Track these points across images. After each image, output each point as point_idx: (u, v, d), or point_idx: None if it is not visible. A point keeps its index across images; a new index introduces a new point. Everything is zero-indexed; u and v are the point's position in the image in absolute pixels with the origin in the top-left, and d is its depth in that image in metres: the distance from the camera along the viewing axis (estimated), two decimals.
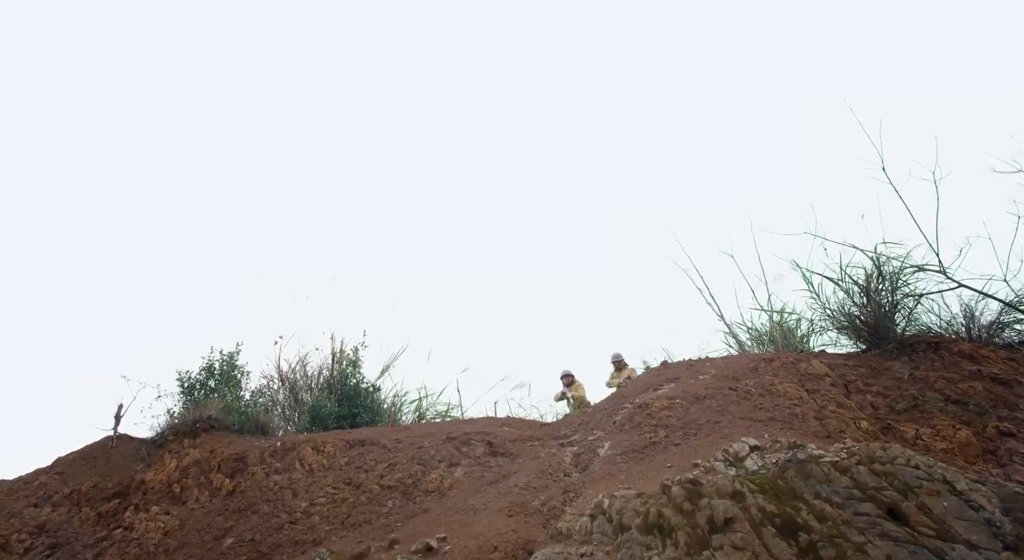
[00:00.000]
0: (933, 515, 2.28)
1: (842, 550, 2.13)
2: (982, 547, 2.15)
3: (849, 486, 2.43)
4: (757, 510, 2.29)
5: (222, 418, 7.16)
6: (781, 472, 2.52)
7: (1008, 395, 4.29)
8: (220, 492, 5.48)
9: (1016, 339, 5.77)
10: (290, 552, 4.22)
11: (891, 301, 5.37)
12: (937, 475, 2.45)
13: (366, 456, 5.15)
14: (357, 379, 8.70)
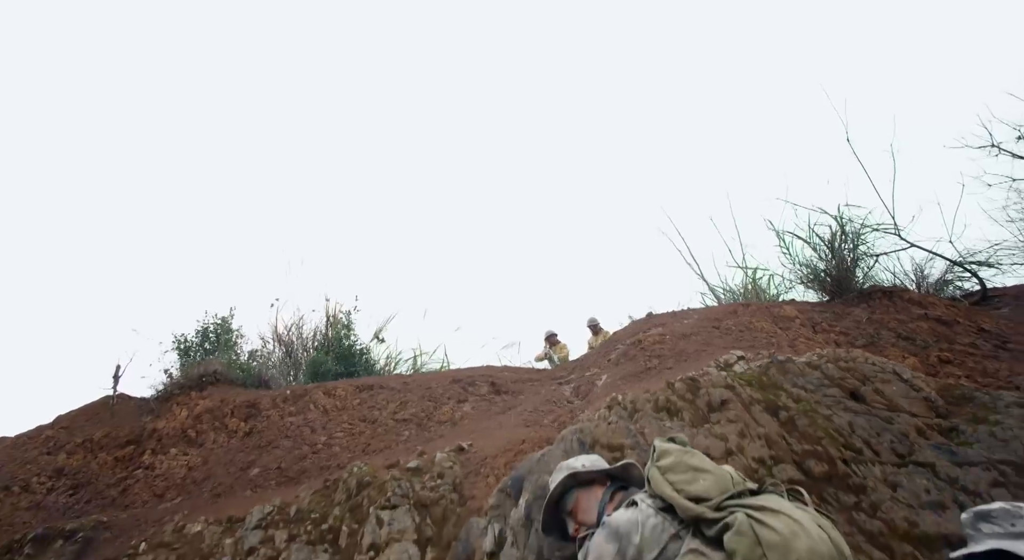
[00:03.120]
0: (884, 396, 2.83)
1: (814, 419, 2.64)
2: (920, 415, 2.71)
3: (819, 377, 2.95)
4: (746, 396, 2.79)
5: (227, 373, 7.42)
6: (764, 370, 3.02)
7: (948, 333, 4.93)
8: (237, 434, 5.79)
9: (958, 294, 6.50)
10: (317, 476, 4.59)
11: (852, 257, 5.99)
12: (888, 369, 3.01)
13: (377, 397, 5.54)
14: (351, 341, 9.02)
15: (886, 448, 2.52)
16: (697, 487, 1.48)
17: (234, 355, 8.56)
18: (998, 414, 2.65)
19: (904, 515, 2.16)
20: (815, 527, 1.37)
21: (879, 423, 2.65)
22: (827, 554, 1.31)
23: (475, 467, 3.06)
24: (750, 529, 1.34)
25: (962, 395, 2.89)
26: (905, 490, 2.28)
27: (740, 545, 1.34)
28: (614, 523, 1.52)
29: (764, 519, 1.35)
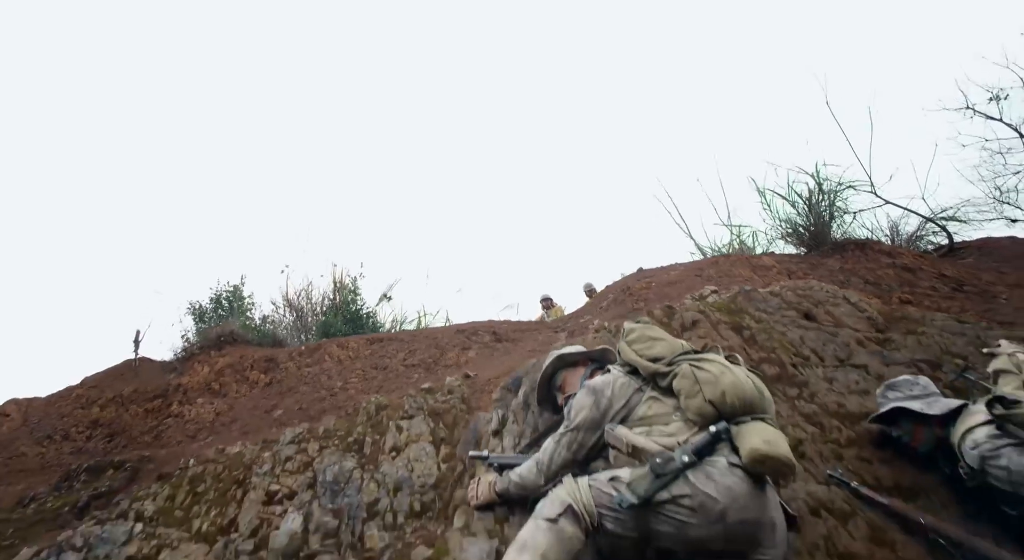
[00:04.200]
0: (833, 316, 3.27)
1: (771, 334, 3.08)
2: (861, 330, 3.15)
3: (779, 303, 3.39)
4: (715, 318, 3.22)
5: (243, 334, 7.87)
6: (732, 299, 3.45)
7: (912, 278, 5.37)
8: (258, 384, 6.26)
9: (930, 247, 6.92)
10: (336, 414, 5.06)
11: (829, 212, 6.40)
12: (839, 295, 3.44)
13: (387, 348, 6.00)
14: (358, 305, 9.46)
15: (829, 355, 2.96)
16: (654, 351, 1.91)
17: (247, 320, 9.00)
18: (925, 326, 3.09)
19: (835, 400, 2.61)
20: (742, 372, 1.81)
21: (826, 336, 3.09)
22: (748, 389, 1.75)
23: (480, 387, 3.51)
24: (691, 372, 1.78)
25: (901, 316, 3.33)
26: (839, 383, 2.73)
27: (683, 384, 1.78)
28: (591, 383, 1.96)
29: (701, 365, 1.79)
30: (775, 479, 1.71)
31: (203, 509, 3.04)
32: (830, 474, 2.27)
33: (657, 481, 1.59)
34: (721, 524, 1.57)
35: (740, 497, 1.57)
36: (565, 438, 1.92)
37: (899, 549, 2.06)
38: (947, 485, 2.25)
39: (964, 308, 4.69)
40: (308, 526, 2.70)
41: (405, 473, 2.88)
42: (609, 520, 1.62)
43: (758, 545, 1.63)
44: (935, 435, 2.22)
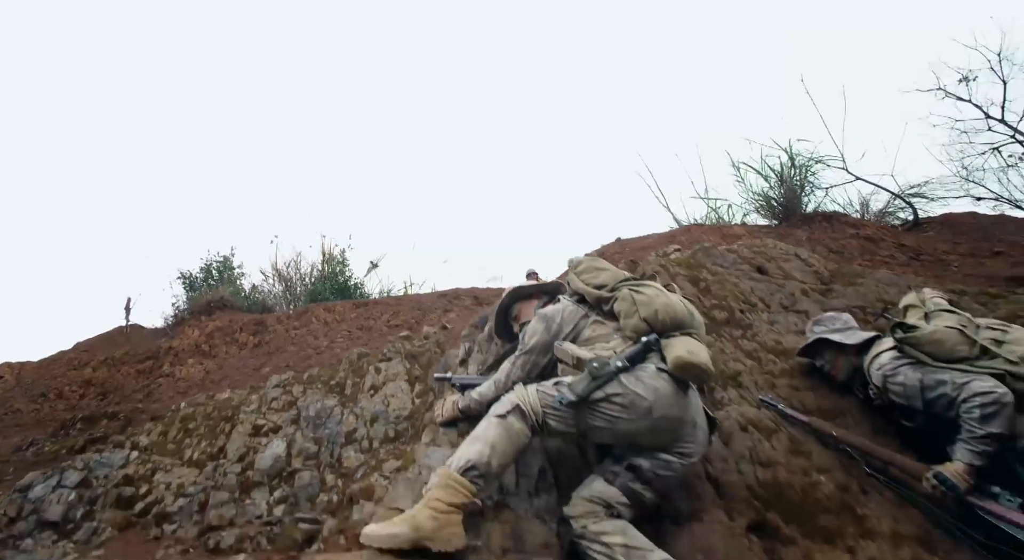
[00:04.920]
0: (783, 270, 3.52)
1: (724, 285, 3.32)
2: (807, 282, 3.40)
3: (735, 258, 3.63)
4: (673, 271, 3.46)
5: (233, 300, 8.05)
6: (692, 255, 3.69)
7: (873, 247, 5.64)
8: (247, 346, 6.47)
9: (897, 222, 7.20)
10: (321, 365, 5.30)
11: (801, 186, 6.65)
12: (791, 252, 3.70)
13: (372, 310, 6.22)
14: (345, 276, 9.64)
15: (775, 303, 3.22)
16: (599, 279, 2.15)
17: (237, 290, 9.16)
18: (864, 279, 3.35)
19: (774, 338, 2.87)
20: (675, 297, 2.04)
21: (774, 287, 3.34)
22: (679, 309, 1.98)
23: (455, 335, 3.74)
24: (629, 295, 2.01)
25: (846, 271, 3.59)
26: (779, 325, 2.99)
27: (622, 306, 2.02)
28: (543, 312, 2.20)
29: (639, 289, 2.03)
30: (697, 383, 1.96)
31: (194, 442, 3.26)
32: (761, 399, 2.53)
33: (593, 382, 1.82)
34: (648, 419, 1.81)
35: (665, 396, 1.82)
36: (520, 360, 2.16)
37: (814, 458, 2.33)
38: (861, 407, 2.52)
39: (918, 274, 4.97)
40: (291, 451, 2.94)
41: (382, 407, 3.12)
42: (552, 418, 1.86)
43: (680, 440, 1.88)
44: (852, 364, 2.48)
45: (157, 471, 2.94)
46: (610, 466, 1.91)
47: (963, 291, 3.31)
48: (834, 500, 2.20)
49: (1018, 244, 5.42)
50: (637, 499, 1.85)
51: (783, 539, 2.10)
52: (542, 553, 1.86)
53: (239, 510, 2.57)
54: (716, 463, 2.26)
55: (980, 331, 2.20)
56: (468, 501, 1.73)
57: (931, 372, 2.14)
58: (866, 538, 2.10)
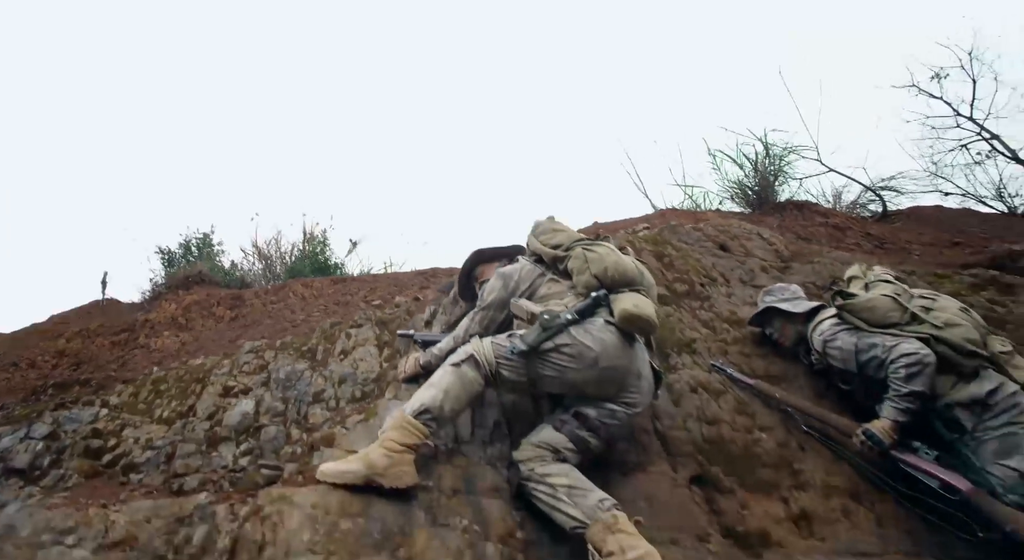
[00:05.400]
0: (746, 248, 3.65)
1: (687, 260, 3.43)
2: (767, 260, 3.53)
3: (700, 236, 3.75)
4: (640, 246, 3.57)
5: (211, 275, 8.03)
6: (659, 232, 3.80)
7: (840, 235, 5.80)
8: (224, 319, 6.48)
9: (867, 214, 7.39)
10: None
11: (775, 176, 6.79)
12: (754, 231, 3.82)
13: (349, 286, 6.26)
14: (326, 256, 9.64)
15: (735, 278, 3.34)
16: (555, 240, 2.24)
17: (216, 267, 9.12)
18: (821, 258, 3.48)
19: (730, 309, 2.99)
20: (629, 257, 2.14)
21: (735, 263, 3.46)
22: (629, 267, 2.08)
23: (425, 304, 3.83)
24: (582, 253, 2.11)
25: (805, 251, 3.73)
26: (736, 297, 3.11)
27: (575, 264, 2.11)
28: (502, 270, 2.29)
29: (592, 248, 2.12)
30: (642, 336, 2.06)
31: (164, 402, 3.31)
32: (713, 364, 2.65)
33: (544, 333, 1.92)
34: (594, 369, 1.91)
35: (611, 347, 1.92)
36: (478, 315, 2.25)
37: (758, 418, 2.46)
38: (806, 372, 2.65)
39: (880, 261, 5.14)
40: (259, 409, 3.01)
41: (350, 370, 3.19)
42: (505, 368, 1.96)
43: (625, 390, 1.98)
44: (798, 331, 2.61)
45: (126, 427, 2.99)
46: (559, 415, 2.02)
47: (913, 271, 3.46)
48: (773, 455, 2.33)
49: (976, 236, 5.62)
50: (583, 446, 1.96)
51: (723, 490, 2.22)
52: (491, 495, 1.96)
53: (205, 461, 2.63)
54: (665, 420, 2.38)
55: (913, 300, 2.33)
56: (421, 442, 1.83)
57: (865, 336, 2.27)
58: (800, 490, 2.23)
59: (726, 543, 2.07)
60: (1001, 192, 7.05)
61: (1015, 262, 3.80)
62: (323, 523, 1.69)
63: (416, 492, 1.84)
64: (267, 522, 1.72)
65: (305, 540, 1.65)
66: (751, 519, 2.15)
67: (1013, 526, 1.85)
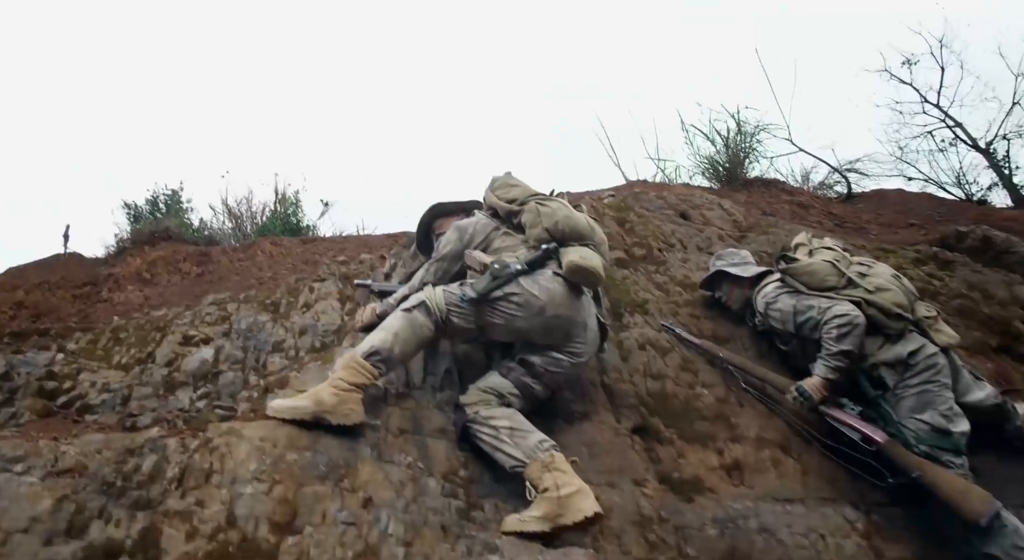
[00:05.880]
0: (705, 217, 3.74)
1: (647, 226, 3.51)
2: (726, 229, 3.64)
3: (662, 204, 3.83)
4: (602, 211, 3.63)
5: (179, 232, 7.89)
6: (623, 199, 3.87)
7: (803, 213, 5.95)
8: (190, 275, 6.41)
9: (833, 195, 7.56)
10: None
11: (746, 154, 6.89)
12: (715, 202, 3.92)
13: (319, 246, 6.23)
14: (298, 218, 9.52)
15: (693, 245, 3.44)
16: (511, 194, 2.28)
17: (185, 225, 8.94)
18: (778, 229, 3.60)
19: (684, 273, 3.10)
20: (581, 214, 2.20)
21: (694, 231, 3.56)
22: (580, 222, 2.14)
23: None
24: (535, 208, 2.16)
25: (763, 222, 3.84)
26: (691, 263, 3.22)
27: (528, 217, 2.16)
28: (458, 223, 2.33)
29: (545, 203, 2.17)
30: (589, 287, 2.14)
31: (123, 349, 3.32)
32: (663, 324, 2.75)
33: (494, 282, 1.98)
34: (541, 318, 1.98)
35: (557, 297, 1.99)
36: (433, 266, 2.30)
37: (700, 375, 2.58)
38: (752, 335, 2.78)
39: (839, 238, 5.30)
40: (219, 357, 3.03)
41: (312, 321, 3.23)
42: (455, 314, 2.01)
43: (571, 339, 2.06)
44: (745, 295, 2.72)
45: (83, 371, 3.00)
46: (506, 362, 2.09)
47: (863, 245, 3.60)
48: (712, 410, 2.45)
49: (931, 219, 5.82)
50: (528, 391, 2.04)
51: (662, 440, 2.34)
52: (437, 436, 2.04)
53: (161, 404, 2.66)
54: (612, 374, 2.48)
55: (851, 266, 2.45)
56: (369, 382, 1.89)
57: (804, 299, 2.39)
58: (734, 442, 2.36)
59: (661, 488, 2.19)
60: (960, 179, 7.27)
61: (960, 242, 3.97)
62: (270, 455, 1.75)
63: (363, 430, 1.91)
64: (216, 453, 1.77)
65: (252, 469, 1.71)
66: (686, 467, 2.28)
67: (919, 472, 2.01)
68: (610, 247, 3.35)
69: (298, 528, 1.58)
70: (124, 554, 1.53)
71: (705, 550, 1.97)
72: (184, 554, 1.52)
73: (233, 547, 1.54)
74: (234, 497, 1.64)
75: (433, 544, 1.60)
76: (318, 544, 1.52)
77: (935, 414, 2.15)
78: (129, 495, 1.69)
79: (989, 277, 3.26)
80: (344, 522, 1.59)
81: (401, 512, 1.66)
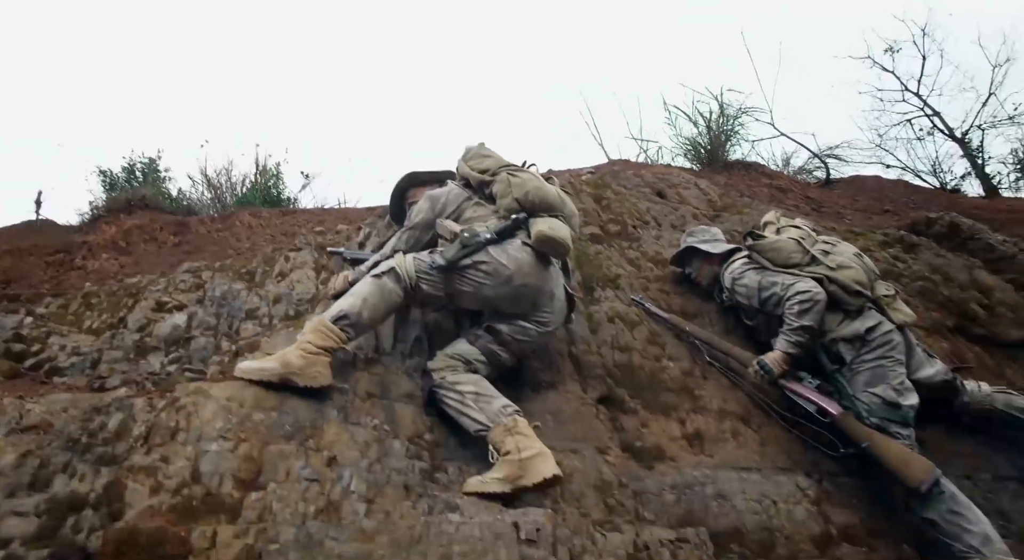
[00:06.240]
0: (681, 196, 3.78)
1: (623, 204, 3.54)
2: (701, 209, 3.68)
3: (640, 182, 3.86)
4: (579, 187, 3.64)
5: (156, 201, 7.76)
6: (601, 177, 3.89)
7: (781, 196, 6.02)
8: (167, 245, 6.33)
9: (812, 179, 7.65)
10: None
11: (728, 137, 6.93)
12: (692, 181, 3.96)
13: (298, 218, 6.18)
14: (279, 190, 9.40)
15: (667, 222, 3.48)
16: (483, 164, 2.29)
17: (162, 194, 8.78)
18: (752, 210, 3.65)
19: (656, 250, 3.14)
20: (552, 185, 2.22)
21: (669, 209, 3.60)
22: (550, 193, 2.17)
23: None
24: (506, 178, 2.17)
25: (738, 203, 3.89)
26: (664, 240, 3.26)
27: (499, 188, 2.18)
28: (430, 193, 2.34)
29: (516, 174, 2.19)
30: (557, 257, 2.17)
31: (95, 314, 3.29)
32: (633, 298, 2.80)
33: (463, 250, 2.00)
34: (508, 286, 2.01)
35: (525, 266, 2.02)
36: (405, 234, 2.31)
37: (667, 348, 2.64)
38: (719, 310, 2.84)
39: (816, 222, 5.39)
40: (191, 323, 3.03)
41: (287, 290, 3.23)
42: (425, 281, 2.04)
43: (538, 309, 2.10)
44: (714, 271, 2.78)
45: (52, 335, 2.98)
46: (474, 330, 2.13)
47: (833, 228, 3.67)
48: (677, 382, 2.52)
49: (905, 206, 5.93)
50: (495, 359, 2.08)
51: (627, 410, 2.40)
52: (405, 401, 2.08)
53: (132, 368, 2.66)
54: (580, 345, 2.52)
55: (816, 244, 2.51)
56: (337, 346, 1.91)
57: (769, 275, 2.44)
58: (697, 413, 2.43)
59: (623, 456, 2.25)
60: (936, 168, 7.39)
61: (929, 228, 4.06)
62: (236, 414, 1.78)
63: (331, 393, 1.93)
64: (182, 412, 1.79)
65: (218, 428, 1.73)
66: (649, 436, 2.34)
67: (868, 443, 2.09)
68: (585, 223, 3.39)
69: (262, 484, 1.62)
70: (88, 507, 1.55)
71: (661, 514, 2.04)
72: (148, 507, 1.54)
73: (197, 501, 1.57)
74: (199, 454, 1.67)
75: (395, 502, 1.64)
76: (281, 499, 1.56)
77: (887, 388, 2.23)
78: (94, 451, 1.71)
79: (951, 261, 3.35)
80: (307, 479, 1.62)
81: (365, 471, 1.70)
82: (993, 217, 5.05)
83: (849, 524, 2.15)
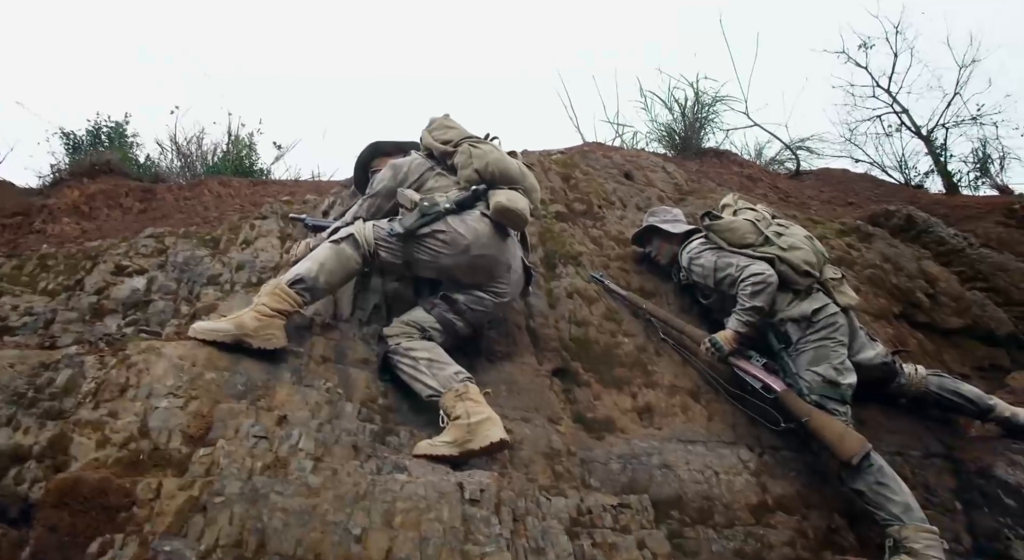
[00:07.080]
0: (648, 178, 3.84)
1: (591, 184, 3.58)
2: (666, 192, 3.74)
3: (605, 163, 3.89)
4: (548, 167, 3.66)
5: (121, 166, 7.55)
6: (570, 157, 3.91)
7: (751, 185, 6.12)
8: (132, 211, 6.19)
9: (783, 170, 7.78)
10: None
11: (702, 125, 7.00)
12: (660, 164, 4.02)
13: (269, 189, 6.10)
14: (251, 160, 9.22)
15: (632, 204, 3.53)
16: (446, 136, 2.30)
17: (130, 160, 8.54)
18: (717, 194, 3.72)
19: (619, 229, 3.19)
20: (514, 160, 2.25)
21: (636, 191, 3.65)
22: (511, 165, 2.19)
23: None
24: (468, 149, 2.19)
25: (703, 187, 3.96)
26: (628, 220, 3.31)
27: (460, 159, 2.20)
28: (393, 162, 2.34)
29: (477, 145, 2.21)
30: (514, 228, 2.20)
31: (51, 276, 3.23)
32: (593, 275, 2.85)
33: (422, 218, 2.02)
34: (466, 256, 2.04)
35: (482, 237, 2.05)
36: (366, 202, 2.32)
37: (624, 325, 2.70)
38: (677, 290, 2.91)
39: (781, 211, 5.50)
40: (151, 287, 3.00)
41: (250, 258, 3.20)
42: (383, 249, 2.05)
43: (495, 280, 2.13)
44: (673, 251, 2.84)
45: (4, 295, 2.92)
46: (431, 298, 2.16)
47: (794, 215, 3.77)
48: (631, 357, 2.58)
49: (869, 199, 6.09)
50: (450, 327, 2.11)
51: (580, 383, 2.46)
52: (359, 366, 2.11)
53: (87, 330, 2.64)
54: (538, 319, 2.57)
55: (770, 226, 2.59)
56: (292, 309, 1.92)
57: (724, 256, 2.52)
58: (648, 388, 2.50)
59: (575, 426, 2.32)
60: (902, 164, 7.58)
61: (888, 220, 4.20)
62: (188, 373, 1.79)
63: (286, 355, 1.95)
64: (133, 369, 1.79)
65: (169, 385, 1.74)
66: (600, 408, 2.41)
67: (807, 418, 2.19)
68: (552, 201, 3.42)
69: (211, 441, 1.63)
70: (31, 459, 1.56)
71: (607, 481, 2.12)
72: (93, 460, 1.55)
73: (144, 455, 1.58)
74: (148, 410, 1.67)
75: (343, 460, 1.67)
76: (228, 455, 1.58)
77: (828, 367, 2.33)
78: (40, 405, 1.71)
79: (903, 252, 3.48)
80: (256, 436, 1.64)
81: (315, 431, 1.72)
82: (949, 213, 5.23)
83: (785, 494, 2.25)
